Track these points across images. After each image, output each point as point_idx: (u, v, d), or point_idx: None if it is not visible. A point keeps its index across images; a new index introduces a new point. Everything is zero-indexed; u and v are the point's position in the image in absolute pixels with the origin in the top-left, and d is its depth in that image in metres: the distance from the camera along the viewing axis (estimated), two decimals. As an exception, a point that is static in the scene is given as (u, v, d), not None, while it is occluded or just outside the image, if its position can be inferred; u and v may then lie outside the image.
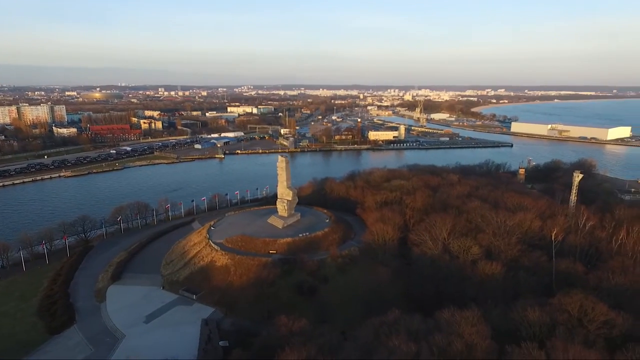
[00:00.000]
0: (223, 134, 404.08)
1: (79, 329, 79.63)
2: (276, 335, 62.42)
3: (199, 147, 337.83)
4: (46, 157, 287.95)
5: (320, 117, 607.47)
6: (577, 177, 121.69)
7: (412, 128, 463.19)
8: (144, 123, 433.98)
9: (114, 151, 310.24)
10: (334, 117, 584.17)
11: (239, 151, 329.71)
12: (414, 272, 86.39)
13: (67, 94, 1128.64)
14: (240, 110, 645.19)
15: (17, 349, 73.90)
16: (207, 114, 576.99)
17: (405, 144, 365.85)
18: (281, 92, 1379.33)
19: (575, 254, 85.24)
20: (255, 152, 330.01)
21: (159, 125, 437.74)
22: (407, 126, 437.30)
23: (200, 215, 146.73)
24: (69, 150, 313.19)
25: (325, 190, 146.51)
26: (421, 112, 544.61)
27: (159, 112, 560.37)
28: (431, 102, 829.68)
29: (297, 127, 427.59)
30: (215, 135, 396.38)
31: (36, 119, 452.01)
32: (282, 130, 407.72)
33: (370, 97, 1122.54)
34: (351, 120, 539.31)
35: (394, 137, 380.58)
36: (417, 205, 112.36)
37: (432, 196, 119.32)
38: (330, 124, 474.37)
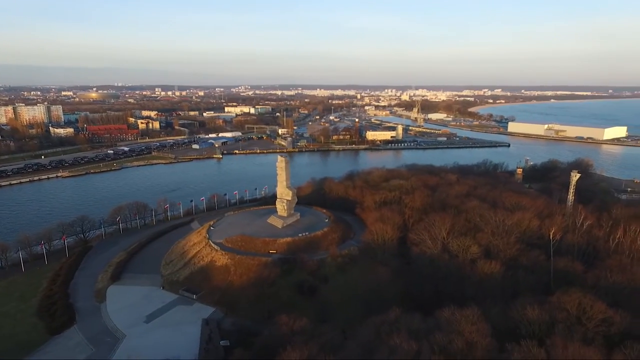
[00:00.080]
0: (221, 134, 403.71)
1: (79, 329, 79.59)
2: (277, 334, 62.70)
3: (196, 147, 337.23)
4: (43, 157, 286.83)
5: (317, 117, 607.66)
6: (575, 177, 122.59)
7: (410, 128, 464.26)
8: (141, 123, 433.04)
9: (112, 151, 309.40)
10: (332, 117, 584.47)
11: (237, 151, 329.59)
12: (413, 271, 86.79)
13: (64, 94, 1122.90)
14: (238, 110, 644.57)
15: (18, 349, 73.79)
16: (204, 114, 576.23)
17: (403, 144, 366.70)
18: (278, 92, 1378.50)
19: (573, 253, 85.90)
20: (253, 152, 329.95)
21: (156, 125, 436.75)
22: (404, 126, 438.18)
23: (199, 216, 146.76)
24: (66, 150, 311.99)
25: (324, 190, 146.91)
26: (419, 112, 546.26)
27: (156, 112, 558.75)
28: (428, 102, 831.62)
29: (294, 127, 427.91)
30: (213, 136, 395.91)
31: (33, 119, 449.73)
32: (280, 130, 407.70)
33: (368, 97, 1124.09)
34: (349, 120, 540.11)
35: (391, 137, 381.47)
36: (416, 205, 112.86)
37: (431, 196, 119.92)
38: (328, 124, 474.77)
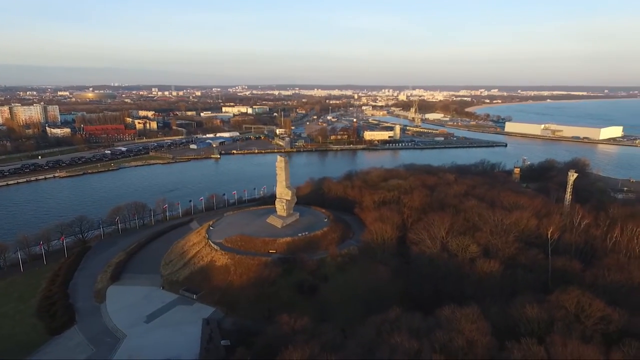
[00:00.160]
0: (218, 134, 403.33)
1: (79, 329, 79.48)
2: (278, 333, 62.89)
3: (194, 147, 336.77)
4: (40, 157, 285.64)
5: (315, 117, 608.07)
6: (572, 176, 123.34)
7: (407, 128, 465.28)
8: (138, 123, 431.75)
9: (109, 151, 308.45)
10: (329, 117, 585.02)
11: (234, 151, 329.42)
12: (412, 270, 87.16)
13: (60, 94, 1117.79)
14: (235, 110, 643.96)
15: (18, 349, 73.60)
16: (202, 114, 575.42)
17: (400, 144, 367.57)
18: (275, 92, 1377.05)
19: (571, 252, 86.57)
20: (251, 152, 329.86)
21: (153, 125, 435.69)
22: (402, 126, 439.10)
23: (198, 216, 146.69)
24: (63, 150, 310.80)
25: (323, 190, 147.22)
26: (416, 112, 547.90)
27: (153, 112, 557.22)
28: (425, 102, 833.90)
29: (292, 127, 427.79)
30: (211, 136, 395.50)
31: (29, 119, 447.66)
32: (278, 130, 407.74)
33: (365, 97, 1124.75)
34: (346, 120, 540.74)
35: (389, 137, 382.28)
36: (415, 205, 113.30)
37: (430, 195, 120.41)
38: (325, 124, 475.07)
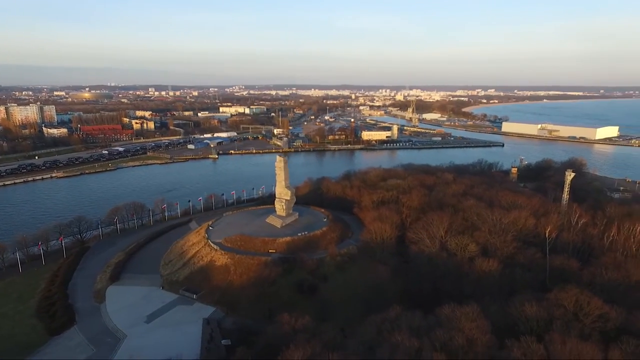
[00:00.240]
0: (216, 134, 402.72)
1: (79, 329, 79.53)
2: (279, 333, 63.13)
3: (192, 147, 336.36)
4: (37, 157, 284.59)
5: (312, 117, 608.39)
6: (570, 176, 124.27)
7: (405, 128, 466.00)
8: (135, 123, 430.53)
9: (106, 152, 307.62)
10: (327, 117, 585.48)
11: (232, 151, 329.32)
12: (412, 270, 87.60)
13: (56, 94, 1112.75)
14: (233, 111, 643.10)
15: (18, 350, 73.63)
16: (199, 114, 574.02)
17: (398, 144, 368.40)
18: (273, 92, 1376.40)
19: (569, 251, 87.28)
20: (249, 152, 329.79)
21: (151, 125, 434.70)
22: (399, 126, 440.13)
23: (197, 216, 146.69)
24: (60, 150, 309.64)
25: (322, 189, 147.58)
26: (413, 112, 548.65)
27: (150, 112, 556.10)
28: (422, 102, 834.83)
29: (290, 127, 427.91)
30: (209, 136, 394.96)
31: (25, 119, 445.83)
32: (276, 131, 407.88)
33: (362, 97, 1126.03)
34: (344, 120, 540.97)
35: (387, 137, 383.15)
36: (414, 204, 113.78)
37: (428, 195, 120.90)
38: (323, 124, 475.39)
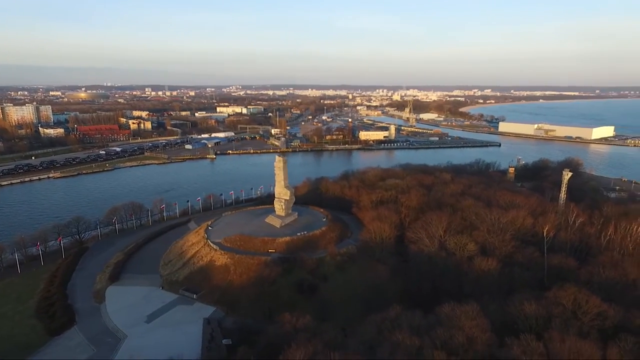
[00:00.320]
0: (213, 134, 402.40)
1: (79, 330, 79.35)
2: (280, 332, 63.39)
3: (189, 147, 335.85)
4: (34, 158, 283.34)
5: (310, 117, 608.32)
6: (567, 175, 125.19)
7: (402, 128, 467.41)
8: (132, 123, 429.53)
9: (104, 152, 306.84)
10: (324, 117, 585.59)
11: (230, 151, 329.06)
12: (411, 269, 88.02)
13: (52, 93, 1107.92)
14: (230, 111, 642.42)
15: (18, 350, 73.42)
16: (196, 114, 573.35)
17: (395, 144, 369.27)
18: (270, 92, 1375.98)
19: (566, 250, 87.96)
20: (246, 152, 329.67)
21: (148, 125, 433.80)
22: (397, 126, 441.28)
23: (196, 216, 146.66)
24: (57, 151, 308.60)
25: (321, 189, 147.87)
26: (411, 112, 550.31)
27: (147, 112, 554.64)
28: (419, 102, 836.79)
29: (287, 127, 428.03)
30: (206, 136, 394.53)
31: (21, 119, 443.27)
32: (273, 131, 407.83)
33: (359, 97, 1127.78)
34: (341, 120, 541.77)
35: (384, 137, 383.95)
36: (412, 204, 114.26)
37: (427, 195, 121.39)
38: (320, 124, 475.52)
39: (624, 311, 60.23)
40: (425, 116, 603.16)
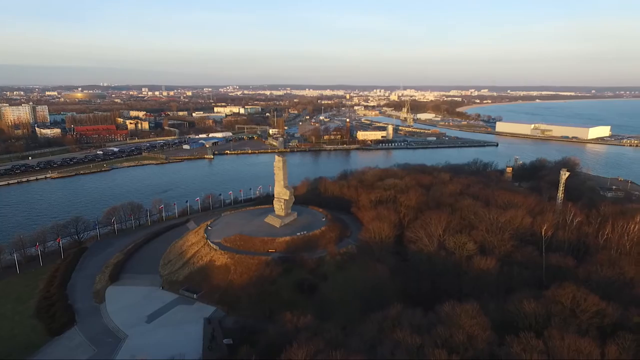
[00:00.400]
0: (211, 135, 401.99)
1: (79, 330, 79.35)
2: (282, 331, 63.71)
3: (187, 147, 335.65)
4: (30, 158, 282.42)
5: (307, 117, 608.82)
6: (564, 175, 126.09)
7: (400, 128, 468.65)
8: (130, 123, 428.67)
9: (101, 152, 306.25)
10: (322, 117, 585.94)
11: (228, 151, 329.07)
12: (410, 268, 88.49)
13: (48, 93, 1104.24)
14: (227, 111, 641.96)
15: (18, 350, 73.44)
16: (193, 114, 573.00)
17: (393, 144, 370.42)
18: (267, 92, 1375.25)
19: (564, 249, 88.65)
20: (244, 153, 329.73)
21: (145, 125, 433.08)
22: (394, 126, 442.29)
23: (195, 216, 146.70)
24: (54, 151, 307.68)
25: (320, 189, 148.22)
26: (408, 112, 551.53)
27: (145, 112, 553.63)
28: (417, 102, 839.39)
29: (285, 127, 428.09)
30: (204, 136, 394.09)
31: (17, 119, 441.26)
32: (271, 131, 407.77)
33: (357, 97, 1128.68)
34: (339, 120, 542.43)
35: (382, 137, 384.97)
36: (411, 204, 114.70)
37: (426, 194, 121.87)
38: (318, 124, 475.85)
39: (621, 309, 60.85)
40: (422, 116, 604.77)
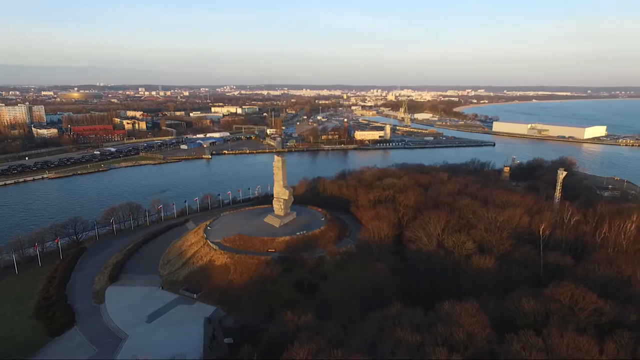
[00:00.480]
0: (209, 135, 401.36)
1: (80, 330, 79.31)
2: (283, 330, 63.93)
3: (185, 147, 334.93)
4: (27, 158, 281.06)
5: (305, 117, 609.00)
6: (562, 175, 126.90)
7: (397, 128, 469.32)
8: (127, 123, 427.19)
9: (98, 152, 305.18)
10: (320, 117, 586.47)
11: (226, 151, 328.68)
12: (410, 267, 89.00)
13: (44, 93, 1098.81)
14: (225, 111, 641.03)
15: (18, 351, 73.35)
16: (191, 114, 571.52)
17: (391, 144, 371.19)
18: (264, 92, 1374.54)
19: (562, 248, 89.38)
20: (242, 152, 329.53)
21: (142, 125, 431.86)
22: (392, 126, 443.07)
23: (194, 216, 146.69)
24: (50, 151, 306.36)
25: (319, 189, 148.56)
26: (405, 112, 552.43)
27: (142, 112, 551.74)
28: (414, 102, 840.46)
29: (283, 127, 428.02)
30: (201, 136, 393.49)
31: (14, 119, 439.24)
32: (269, 131, 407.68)
33: (354, 97, 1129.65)
34: (336, 120, 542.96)
35: (379, 136, 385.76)
36: (410, 203, 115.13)
37: (424, 194, 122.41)
38: (316, 124, 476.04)
39: (619, 307, 61.48)
40: (419, 116, 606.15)
